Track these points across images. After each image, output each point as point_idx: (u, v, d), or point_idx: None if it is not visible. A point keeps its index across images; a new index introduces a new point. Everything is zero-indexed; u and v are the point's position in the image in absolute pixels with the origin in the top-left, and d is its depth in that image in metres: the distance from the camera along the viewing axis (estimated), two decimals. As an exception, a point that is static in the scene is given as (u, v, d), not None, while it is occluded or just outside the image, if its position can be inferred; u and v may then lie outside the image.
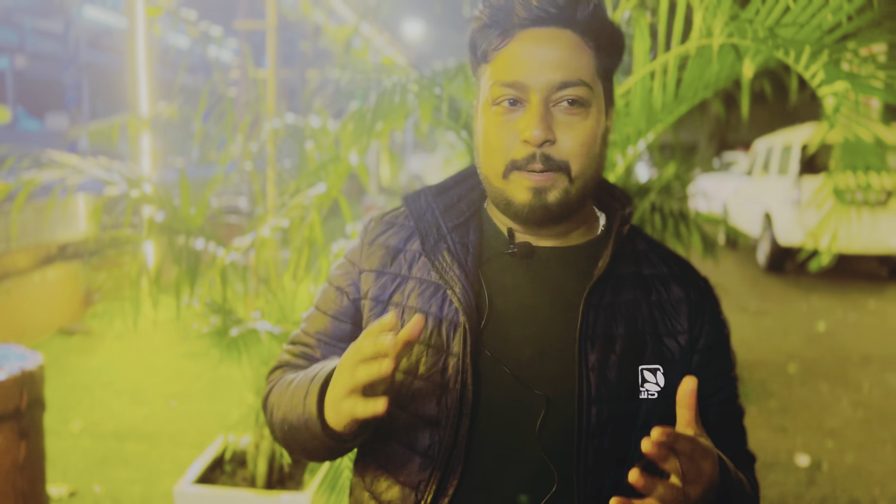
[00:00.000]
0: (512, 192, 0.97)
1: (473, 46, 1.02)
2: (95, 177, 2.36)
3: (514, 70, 0.95)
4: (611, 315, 1.00)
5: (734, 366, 1.11)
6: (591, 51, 0.98)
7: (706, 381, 1.03)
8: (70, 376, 4.88)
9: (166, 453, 3.78)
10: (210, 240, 2.57)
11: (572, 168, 0.95)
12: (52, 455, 3.20)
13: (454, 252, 1.03)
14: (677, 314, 1.04)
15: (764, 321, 7.18)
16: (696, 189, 4.42)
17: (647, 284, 1.05)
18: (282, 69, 8.02)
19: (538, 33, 0.96)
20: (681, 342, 1.03)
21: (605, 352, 0.98)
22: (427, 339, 1.00)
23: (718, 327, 1.08)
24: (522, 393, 0.97)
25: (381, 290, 1.07)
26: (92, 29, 22.26)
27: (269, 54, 4.74)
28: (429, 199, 1.09)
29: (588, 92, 0.96)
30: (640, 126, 1.89)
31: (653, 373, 1.00)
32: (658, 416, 0.99)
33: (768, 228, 9.97)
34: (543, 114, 0.94)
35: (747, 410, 4.28)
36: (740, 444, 1.10)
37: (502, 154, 0.97)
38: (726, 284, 8.97)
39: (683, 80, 1.83)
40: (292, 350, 1.16)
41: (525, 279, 1.03)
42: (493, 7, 0.98)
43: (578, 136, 0.95)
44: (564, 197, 0.96)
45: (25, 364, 2.56)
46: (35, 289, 5.74)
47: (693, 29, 1.61)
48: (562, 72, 0.94)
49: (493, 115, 0.98)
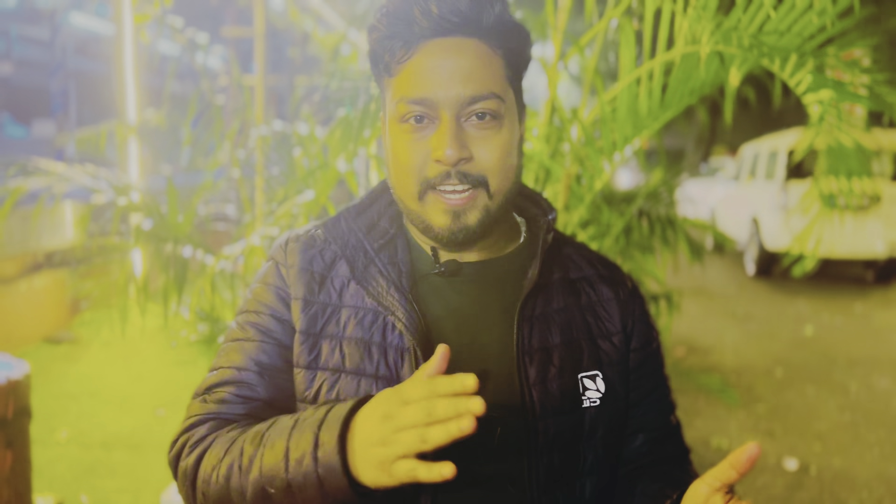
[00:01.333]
0: (429, 216, 0.93)
1: (374, 57, 0.96)
2: (82, 184, 2.35)
3: (421, 86, 0.90)
4: (545, 325, 0.98)
5: (663, 359, 1.12)
6: (500, 58, 0.93)
7: (641, 380, 1.05)
8: (56, 385, 4.84)
9: (154, 462, 3.76)
10: (198, 247, 2.56)
11: (491, 183, 0.92)
12: (38, 464, 3.17)
13: (386, 274, 0.98)
14: (609, 315, 1.03)
15: (751, 326, 7.21)
16: (684, 194, 4.45)
17: (576, 289, 1.03)
18: (270, 76, 8.03)
19: (443, 44, 0.90)
20: (615, 343, 1.02)
21: (544, 365, 0.96)
22: (375, 371, 0.94)
23: (648, 325, 1.08)
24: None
25: (310, 322, 0.98)
26: (79, 36, 22.19)
27: (258, 61, 4.74)
28: (349, 222, 1.03)
29: (499, 104, 0.92)
30: (626, 132, 1.90)
31: (592, 379, 0.98)
32: (603, 423, 0.98)
33: (755, 233, 10.04)
34: (455, 131, 0.89)
35: (735, 414, 4.29)
36: (678, 440, 1.11)
37: (415, 175, 0.92)
38: (713, 289, 9.02)
39: (669, 86, 1.84)
40: (219, 397, 0.97)
41: (456, 298, 0.99)
42: (391, 16, 0.91)
43: (494, 149, 0.91)
44: (485, 216, 0.93)
45: (11, 373, 2.54)
46: (21, 297, 5.70)
47: (678, 36, 1.62)
48: (471, 85, 0.89)
49: (401, 133, 0.93)
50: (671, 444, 1.09)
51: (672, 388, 1.15)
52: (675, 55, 1.70)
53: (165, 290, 2.40)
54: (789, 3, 1.54)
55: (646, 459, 1.06)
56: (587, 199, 2.03)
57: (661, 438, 1.07)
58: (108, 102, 6.86)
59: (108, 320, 2.68)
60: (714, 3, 1.57)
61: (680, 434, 1.12)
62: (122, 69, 6.15)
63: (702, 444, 4.25)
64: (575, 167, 2.03)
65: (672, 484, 0.98)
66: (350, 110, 2.44)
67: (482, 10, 0.90)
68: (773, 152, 10.01)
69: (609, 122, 1.90)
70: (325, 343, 0.97)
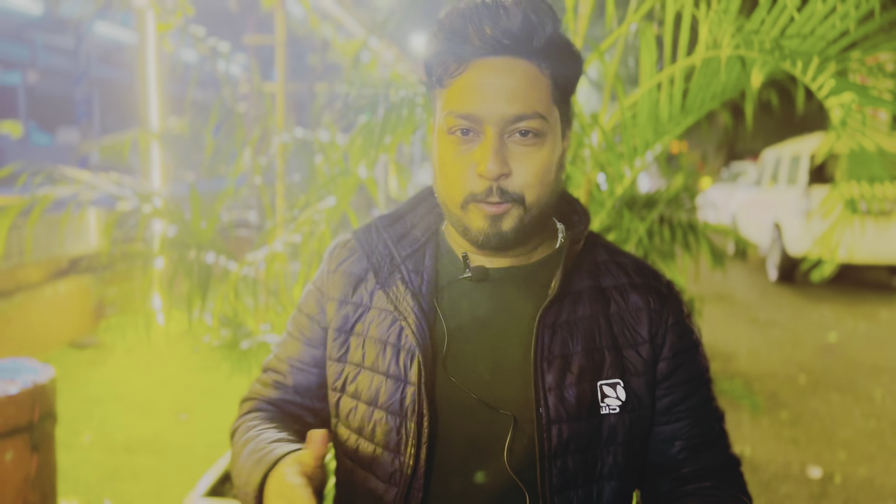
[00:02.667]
0: (470, 221, 0.98)
1: (429, 69, 1.01)
2: (108, 192, 2.39)
3: (469, 102, 0.95)
4: (568, 333, 1.00)
5: (707, 371, 1.10)
6: (547, 78, 0.97)
7: (674, 387, 1.05)
8: (81, 389, 4.90)
9: (176, 466, 3.79)
10: (221, 254, 2.59)
11: (527, 198, 0.96)
12: (63, 468, 3.21)
13: (408, 282, 1.04)
14: (637, 324, 1.04)
15: (774, 332, 7.14)
16: (705, 200, 4.42)
17: (606, 297, 1.05)
18: (290, 83, 8.11)
19: (493, 63, 0.95)
20: (642, 353, 1.03)
21: (562, 371, 0.98)
22: (386, 369, 1.01)
23: (684, 333, 1.07)
24: (486, 415, 0.98)
25: (343, 321, 1.08)
26: (103, 45, 22.48)
27: (279, 68, 4.78)
28: (380, 231, 1.10)
29: (543, 123, 0.96)
30: (647, 137, 1.89)
31: (612, 387, 1.00)
32: (623, 428, 1.00)
33: (778, 239, 9.94)
34: (498, 147, 0.94)
35: (758, 423, 4.25)
36: (723, 449, 1.09)
37: (459, 186, 0.97)
38: (736, 295, 8.94)
39: (690, 91, 1.83)
40: (265, 380, 1.17)
41: (481, 302, 1.03)
42: (448, 32, 0.96)
43: (533, 167, 0.96)
44: (519, 224, 0.97)
45: (38, 377, 2.57)
46: (47, 302, 5.78)
47: (699, 40, 1.62)
48: (517, 105, 0.94)
49: (449, 143, 0.98)
50: (712, 453, 1.07)
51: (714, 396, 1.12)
52: (697, 59, 1.69)
53: (189, 296, 2.43)
54: (812, 7, 1.53)
55: (686, 468, 1.06)
56: (608, 205, 2.02)
57: (699, 446, 1.06)
58: (132, 110, 6.95)
59: (132, 325, 2.71)
60: (735, 7, 1.56)
61: (724, 443, 1.10)
62: (146, 77, 6.23)
63: (724, 451, 4.21)
64: (595, 172, 2.03)
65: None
66: (370, 117, 2.45)
67: (533, 33, 0.94)
68: (796, 157, 9.91)
69: (630, 128, 1.90)
70: (354, 339, 1.06)
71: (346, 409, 1.06)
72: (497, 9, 0.94)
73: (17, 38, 21.24)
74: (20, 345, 5.22)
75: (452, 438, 0.99)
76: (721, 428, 1.10)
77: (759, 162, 12.41)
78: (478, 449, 0.98)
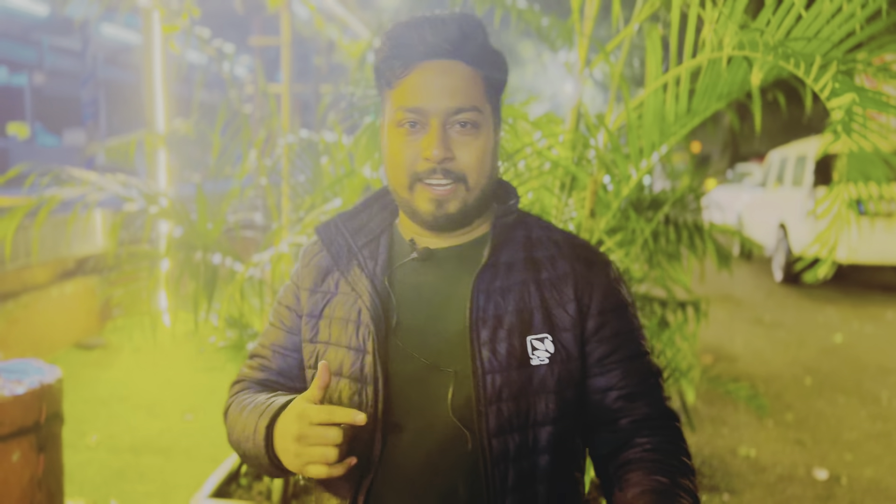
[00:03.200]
0: (417, 203, 1.14)
1: (378, 73, 1.17)
2: (115, 193, 2.39)
3: (416, 97, 1.11)
4: (501, 297, 1.15)
5: (638, 328, 1.22)
6: (480, 78, 1.14)
7: (603, 341, 1.18)
8: (87, 390, 4.92)
9: (182, 467, 3.80)
10: (227, 255, 2.59)
11: (469, 179, 1.12)
12: (69, 468, 3.22)
13: (363, 266, 1.20)
14: (565, 286, 1.18)
15: (779, 333, 7.12)
16: (711, 201, 4.41)
17: (538, 265, 1.19)
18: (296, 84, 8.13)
19: (435, 65, 1.12)
20: (570, 311, 1.16)
21: (495, 329, 1.13)
22: (348, 343, 1.17)
23: (609, 294, 1.20)
24: (432, 374, 1.12)
25: (314, 307, 1.24)
26: (109, 46, 22.53)
27: (284, 70, 4.79)
28: (339, 226, 1.26)
29: (479, 115, 1.12)
30: (653, 138, 1.89)
31: (541, 341, 1.14)
32: (552, 378, 1.13)
33: (783, 239, 9.92)
34: (442, 135, 1.10)
35: (764, 423, 4.23)
36: (657, 401, 1.19)
37: (406, 169, 1.12)
38: (741, 296, 8.92)
39: (696, 91, 1.83)
40: (251, 364, 1.32)
41: (427, 278, 1.19)
42: (394, 40, 1.13)
43: (473, 152, 1.12)
44: (463, 206, 1.13)
45: (44, 378, 2.58)
46: (53, 303, 5.80)
47: (705, 41, 1.62)
48: (456, 99, 1.11)
49: (398, 135, 1.13)
50: (644, 402, 1.17)
51: (648, 351, 1.22)
52: (702, 60, 1.69)
53: (195, 297, 2.43)
54: (818, 8, 1.53)
55: (622, 418, 1.17)
56: (614, 206, 2.02)
57: (632, 396, 1.17)
58: (138, 111, 6.97)
59: (138, 326, 2.72)
60: (741, 7, 1.56)
61: (658, 395, 1.20)
62: (151, 79, 6.24)
63: (729, 453, 4.20)
64: (601, 174, 2.03)
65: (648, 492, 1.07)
66: (375, 118, 2.45)
67: (467, 40, 1.12)
68: (802, 158, 9.89)
69: (635, 129, 1.90)
70: (322, 322, 1.22)
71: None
72: (436, 20, 1.11)
73: (23, 39, 21.31)
74: (27, 345, 5.24)
75: (405, 397, 1.13)
76: (655, 381, 1.21)
77: (764, 163, 12.38)
78: (426, 404, 1.12)
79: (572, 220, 2.16)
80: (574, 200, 2.19)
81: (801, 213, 9.29)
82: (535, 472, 1.12)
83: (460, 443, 1.11)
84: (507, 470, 1.10)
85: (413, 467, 1.12)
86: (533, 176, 2.16)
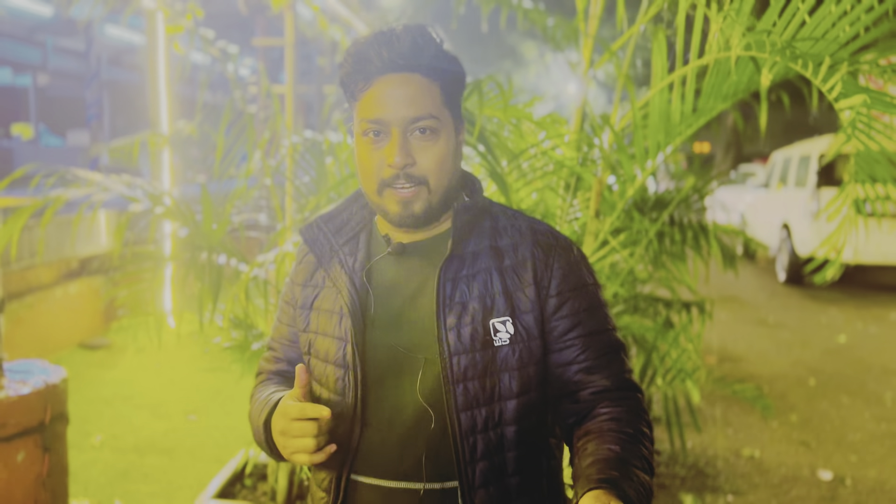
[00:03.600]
0: (386, 205, 1.23)
1: (344, 87, 1.26)
2: (120, 193, 2.39)
3: (376, 109, 1.20)
4: (466, 285, 1.24)
5: (597, 306, 1.29)
6: (437, 87, 1.22)
7: (561, 319, 1.25)
8: (91, 390, 4.92)
9: (186, 467, 3.80)
10: (231, 255, 2.59)
11: (430, 182, 1.21)
12: (73, 468, 3.22)
13: (343, 263, 1.30)
14: (524, 271, 1.26)
15: (782, 334, 7.11)
16: (715, 201, 4.40)
17: (501, 253, 1.28)
18: (299, 85, 8.12)
19: (392, 78, 1.21)
20: (529, 294, 1.24)
21: (459, 314, 1.22)
22: (333, 332, 1.28)
23: (568, 275, 1.27)
24: (404, 359, 1.23)
25: (305, 300, 1.35)
26: (113, 47, 22.55)
27: (288, 70, 4.79)
28: (320, 227, 1.36)
29: (436, 122, 1.21)
30: (658, 138, 1.89)
31: (503, 323, 1.22)
32: (514, 357, 1.22)
33: (787, 240, 9.90)
34: (402, 143, 1.19)
35: (768, 424, 4.22)
36: (617, 373, 1.26)
37: (374, 176, 1.22)
38: (744, 297, 8.91)
39: (702, 92, 1.82)
40: (267, 357, 1.47)
41: (401, 272, 1.29)
42: (354, 57, 1.22)
43: (432, 156, 1.21)
44: (428, 206, 1.22)
45: (49, 378, 2.59)
46: (57, 303, 5.81)
47: (712, 41, 1.61)
48: (413, 108, 1.19)
49: (364, 144, 1.23)
50: (603, 375, 1.24)
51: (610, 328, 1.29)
52: (709, 60, 1.68)
53: (200, 298, 2.43)
54: (826, 9, 1.52)
55: (583, 390, 1.25)
56: (619, 207, 2.02)
57: (590, 369, 1.24)
58: (142, 112, 6.98)
59: (142, 326, 2.72)
60: (748, 7, 1.56)
61: (617, 368, 1.26)
62: (156, 79, 6.25)
63: (733, 453, 4.20)
64: (606, 174, 2.02)
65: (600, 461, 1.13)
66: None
67: (421, 52, 1.21)
68: (805, 159, 9.88)
69: (640, 129, 1.89)
70: (313, 313, 1.33)
71: (313, 368, 1.31)
72: (391, 36, 1.20)
73: (27, 40, 21.34)
74: (32, 346, 5.25)
75: (381, 381, 1.24)
76: (615, 356, 1.27)
77: (767, 164, 12.36)
78: (400, 386, 1.23)
79: (577, 221, 2.16)
80: (579, 201, 2.18)
81: (804, 214, 9.27)
82: (502, 442, 1.23)
83: (428, 421, 1.22)
84: (475, 441, 1.21)
85: (390, 444, 1.23)
86: (537, 176, 2.16)
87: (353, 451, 1.25)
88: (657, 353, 2.46)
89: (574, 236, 2.21)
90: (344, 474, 1.25)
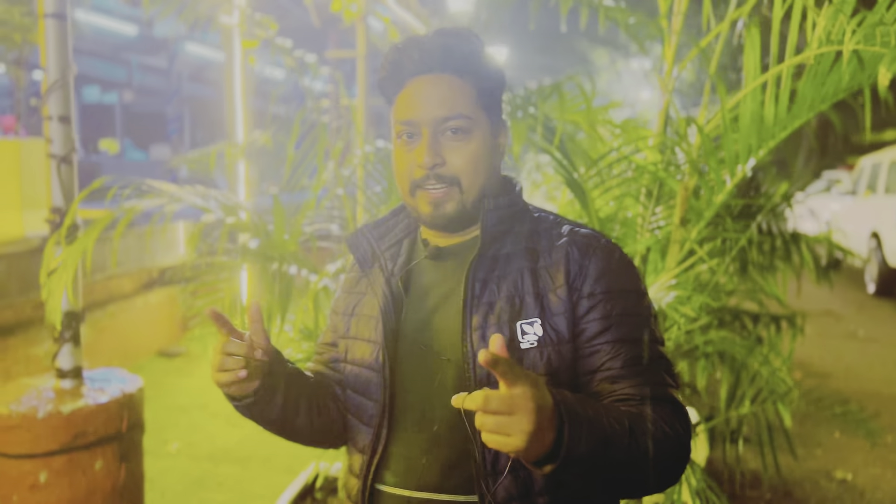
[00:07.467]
0: (419, 206, 1.25)
1: (382, 93, 1.29)
2: (192, 204, 2.41)
3: (408, 111, 1.23)
4: (496, 285, 1.22)
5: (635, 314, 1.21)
6: (470, 86, 1.23)
7: (590, 322, 1.19)
8: (168, 397, 5.02)
9: (259, 477, 3.82)
10: (303, 266, 2.58)
11: (462, 182, 1.22)
12: (150, 475, 3.26)
13: (384, 268, 1.31)
14: (557, 272, 1.22)
15: (874, 349, 6.74)
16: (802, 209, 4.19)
17: (536, 255, 1.25)
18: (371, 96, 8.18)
19: (423, 80, 1.23)
20: (560, 295, 1.20)
21: (486, 315, 1.20)
22: (369, 336, 1.30)
23: (606, 275, 1.21)
24: (433, 360, 1.23)
25: (347, 306, 1.38)
26: (193, 63, 23.36)
27: (359, 82, 4.81)
28: (364, 233, 1.37)
29: (468, 122, 1.21)
30: (750, 142, 1.77)
31: (531, 325, 1.19)
32: (541, 360, 1.18)
33: (877, 249, 9.43)
34: (432, 143, 1.20)
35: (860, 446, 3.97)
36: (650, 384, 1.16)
37: (406, 177, 1.24)
38: (830, 308, 8.50)
39: (799, 91, 1.70)
40: (315, 358, 1.49)
41: (436, 275, 1.30)
42: (389, 62, 1.25)
43: (464, 156, 1.21)
44: (460, 206, 1.23)
45: (126, 387, 2.62)
46: (137, 312, 5.97)
47: (812, 36, 1.49)
48: (444, 108, 1.21)
49: (399, 146, 1.25)
50: (629, 384, 1.15)
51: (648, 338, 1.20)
52: (808, 57, 1.56)
53: (270, 308, 2.42)
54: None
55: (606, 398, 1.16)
56: (707, 215, 1.90)
57: (616, 378, 1.17)
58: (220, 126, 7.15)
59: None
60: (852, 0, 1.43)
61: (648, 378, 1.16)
62: (232, 93, 6.38)
63: (824, 476, 3.96)
64: (693, 180, 1.91)
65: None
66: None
67: (450, 54, 1.22)
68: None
69: (730, 133, 1.77)
70: (353, 320, 1.35)
71: (349, 373, 1.33)
72: (423, 40, 1.23)
73: (114, 59, 22.28)
74: (112, 353, 5.40)
75: (410, 384, 1.24)
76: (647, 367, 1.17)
77: (854, 170, 11.83)
78: (428, 389, 1.22)
79: (660, 230, 2.05)
80: (661, 209, 2.07)
81: (895, 222, 8.82)
82: None
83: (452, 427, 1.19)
84: (497, 452, 1.15)
85: (415, 450, 1.22)
86: (616, 183, 2.06)
87: (380, 455, 1.25)
88: (746, 372, 2.30)
89: (657, 246, 2.10)
90: (368, 482, 1.26)
